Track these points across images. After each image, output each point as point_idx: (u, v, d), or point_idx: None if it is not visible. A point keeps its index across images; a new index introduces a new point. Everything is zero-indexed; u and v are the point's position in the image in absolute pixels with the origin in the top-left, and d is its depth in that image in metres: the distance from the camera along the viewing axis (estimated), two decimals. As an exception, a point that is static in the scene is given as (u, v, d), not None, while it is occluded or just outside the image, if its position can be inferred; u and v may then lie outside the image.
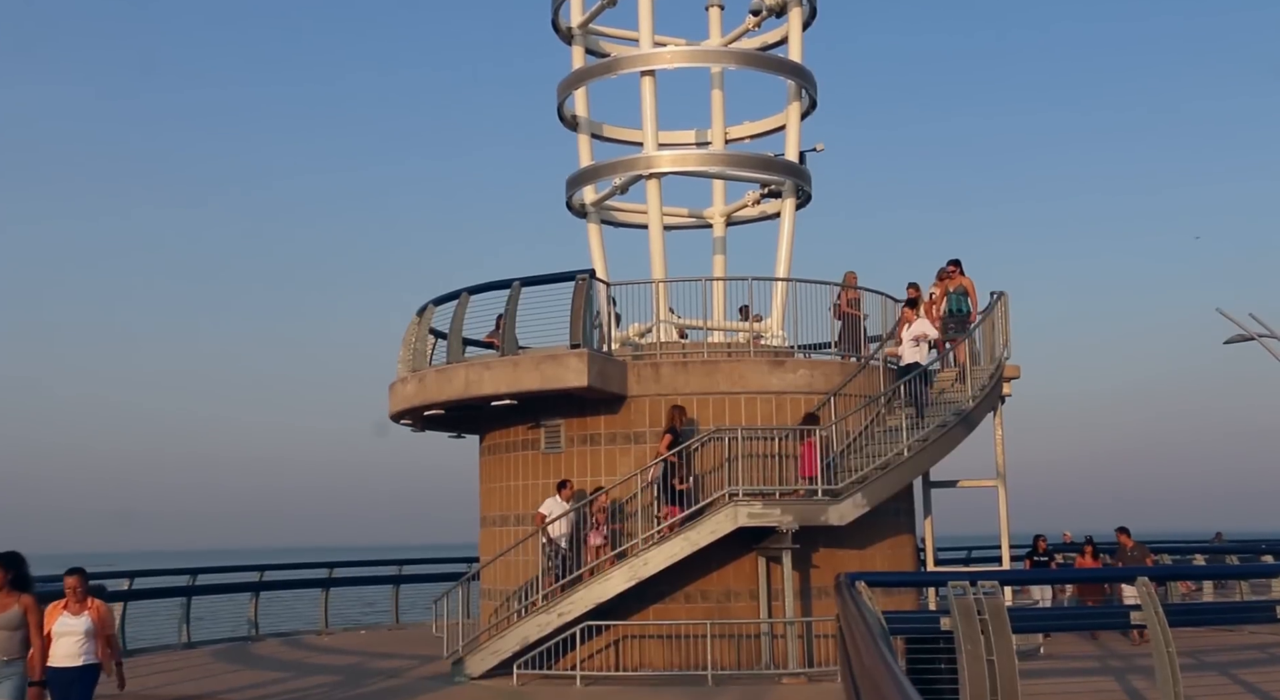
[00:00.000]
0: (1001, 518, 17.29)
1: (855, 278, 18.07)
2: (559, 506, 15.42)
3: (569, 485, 15.60)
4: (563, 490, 15.52)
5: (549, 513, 15.35)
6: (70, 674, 8.90)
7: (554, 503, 15.48)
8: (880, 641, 5.44)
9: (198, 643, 20.43)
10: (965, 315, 17.69)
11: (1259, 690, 11.33)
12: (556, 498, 15.51)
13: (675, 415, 15.36)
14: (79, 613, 9.07)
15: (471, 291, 16.83)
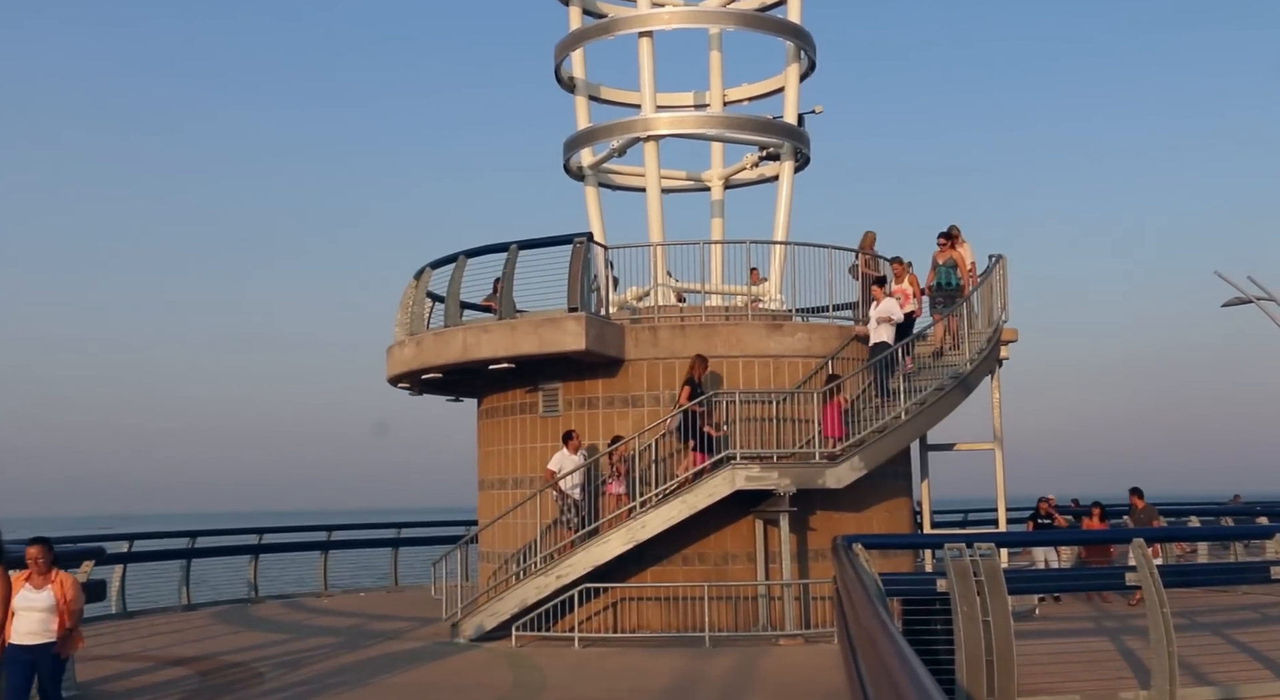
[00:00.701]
0: (998, 481, 17.35)
1: (875, 238, 18.01)
2: (568, 460, 15.40)
3: (575, 437, 15.56)
4: (569, 442, 15.48)
5: (559, 468, 15.35)
6: (31, 652, 8.29)
7: (562, 456, 15.44)
8: (877, 603, 5.46)
9: (198, 605, 20.55)
10: (955, 289, 17.36)
11: (1252, 650, 11.43)
12: (564, 451, 15.47)
13: (697, 365, 15.32)
14: (42, 587, 8.36)
15: (469, 255, 16.78)
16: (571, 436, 15.49)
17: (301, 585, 25.15)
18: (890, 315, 15.98)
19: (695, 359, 15.40)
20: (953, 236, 17.83)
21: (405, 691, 11.22)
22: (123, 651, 14.61)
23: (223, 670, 12.86)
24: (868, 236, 18.15)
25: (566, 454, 15.41)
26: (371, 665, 13.15)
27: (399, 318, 18.03)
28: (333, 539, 23.82)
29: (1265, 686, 9.46)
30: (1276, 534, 9.80)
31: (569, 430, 15.64)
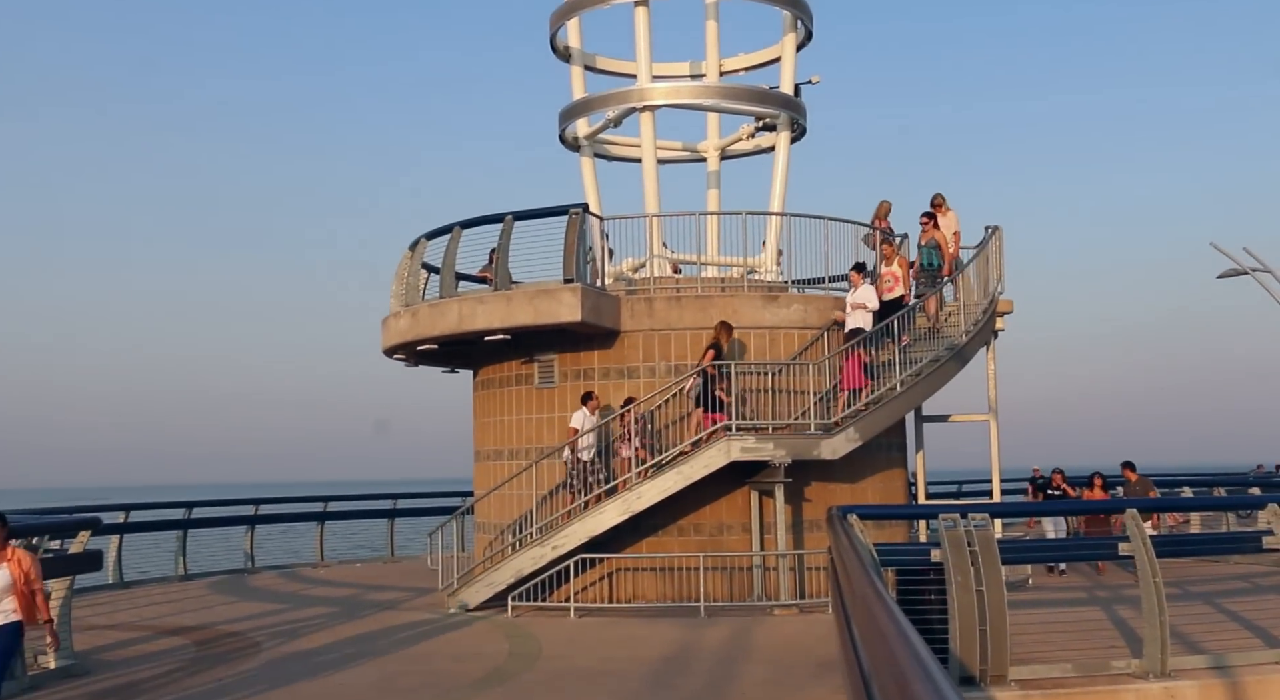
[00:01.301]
0: (993, 452, 17.39)
1: (890, 207, 17.96)
2: (588, 420, 15.37)
3: (594, 397, 15.54)
4: (588, 403, 15.45)
5: (580, 426, 15.32)
6: None
7: (582, 416, 15.38)
8: (871, 572, 5.49)
9: (194, 575, 20.62)
10: (936, 270, 17.22)
11: (1243, 619, 11.50)
12: (584, 410, 15.43)
13: (721, 331, 15.33)
14: None
15: (464, 225, 16.71)
16: (591, 397, 15.45)
17: (298, 556, 25.25)
18: (865, 303, 15.76)
19: (720, 325, 15.40)
20: (935, 209, 17.68)
21: (401, 661, 11.28)
22: (119, 621, 14.67)
23: (220, 640, 12.91)
24: (882, 205, 18.08)
25: (586, 414, 15.36)
26: (368, 635, 13.21)
27: (394, 289, 18.00)
28: (329, 510, 23.88)
29: (1256, 655, 9.52)
30: (1268, 504, 9.84)
31: (588, 391, 15.61)
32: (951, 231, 17.59)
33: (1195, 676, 9.00)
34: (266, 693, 9.63)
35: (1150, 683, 8.81)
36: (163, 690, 9.84)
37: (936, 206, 17.73)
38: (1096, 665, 9.18)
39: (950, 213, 17.78)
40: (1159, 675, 8.85)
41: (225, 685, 10.02)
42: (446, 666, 10.93)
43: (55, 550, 11.10)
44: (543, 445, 16.27)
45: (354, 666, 10.92)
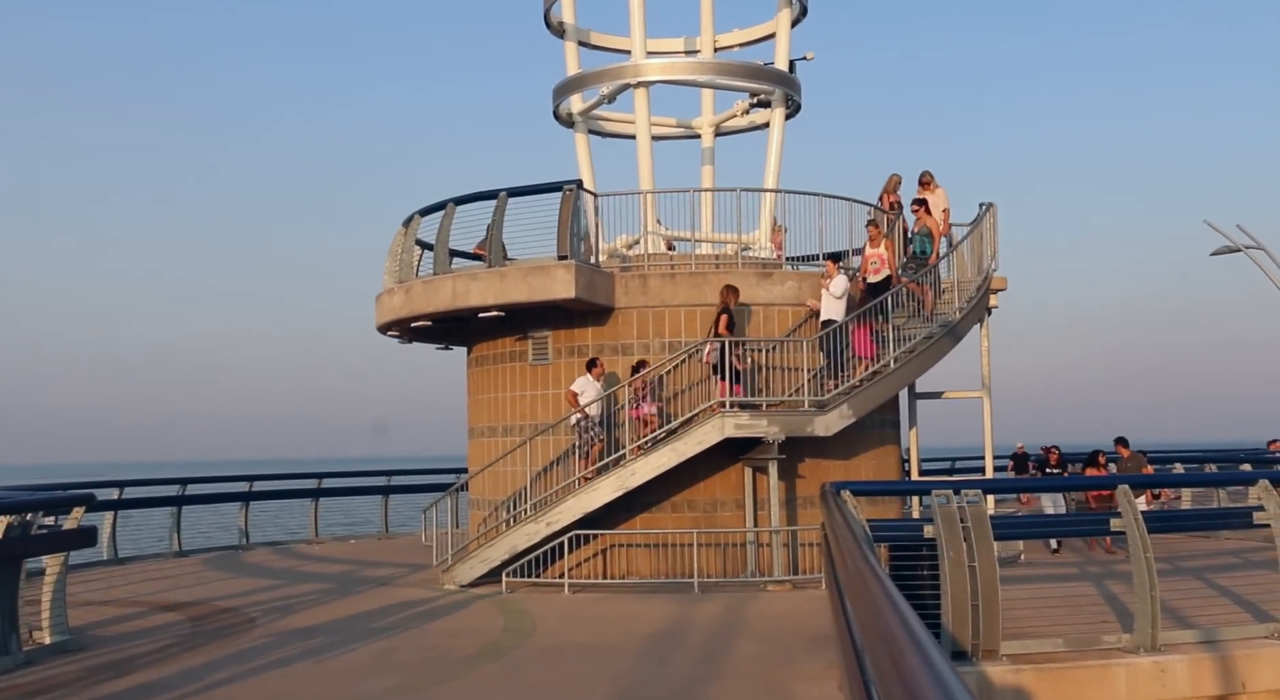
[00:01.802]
0: (986, 428, 17.45)
1: (900, 181, 17.92)
2: (592, 386, 15.34)
3: (600, 364, 15.50)
4: (593, 369, 15.41)
5: (581, 391, 15.31)
6: None
7: (585, 382, 15.35)
8: (865, 548, 5.51)
9: (189, 552, 20.65)
10: (927, 258, 17.09)
11: (1233, 594, 11.58)
12: (588, 377, 15.38)
13: (727, 294, 15.32)
14: None
15: (458, 202, 16.67)
16: (596, 363, 15.44)
17: (292, 534, 25.30)
18: (840, 293, 15.60)
19: (726, 288, 15.39)
20: (924, 187, 17.57)
21: (396, 636, 11.32)
22: (115, 597, 14.70)
23: (215, 615, 12.96)
24: (892, 179, 18.04)
25: (590, 380, 15.34)
26: (362, 611, 13.25)
27: (388, 265, 17.97)
28: (323, 487, 23.89)
29: (1245, 629, 9.60)
30: (1259, 480, 9.89)
31: (594, 358, 15.59)
32: (940, 209, 17.53)
33: (1185, 651, 9.07)
34: (262, 669, 9.67)
35: (1141, 657, 8.87)
36: (158, 666, 9.87)
37: (925, 184, 17.66)
38: (1087, 639, 9.25)
39: (939, 189, 17.71)
40: (1149, 649, 8.92)
41: (221, 661, 10.06)
42: (441, 642, 10.98)
43: (49, 526, 11.10)
44: (537, 422, 16.29)
45: (348, 642, 10.96)
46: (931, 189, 17.64)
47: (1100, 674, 8.81)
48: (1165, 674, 8.84)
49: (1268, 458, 22.71)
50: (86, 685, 9.07)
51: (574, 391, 15.32)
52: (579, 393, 15.28)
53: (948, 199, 17.77)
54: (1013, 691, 8.63)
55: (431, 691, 8.65)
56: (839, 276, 15.76)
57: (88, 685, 9.06)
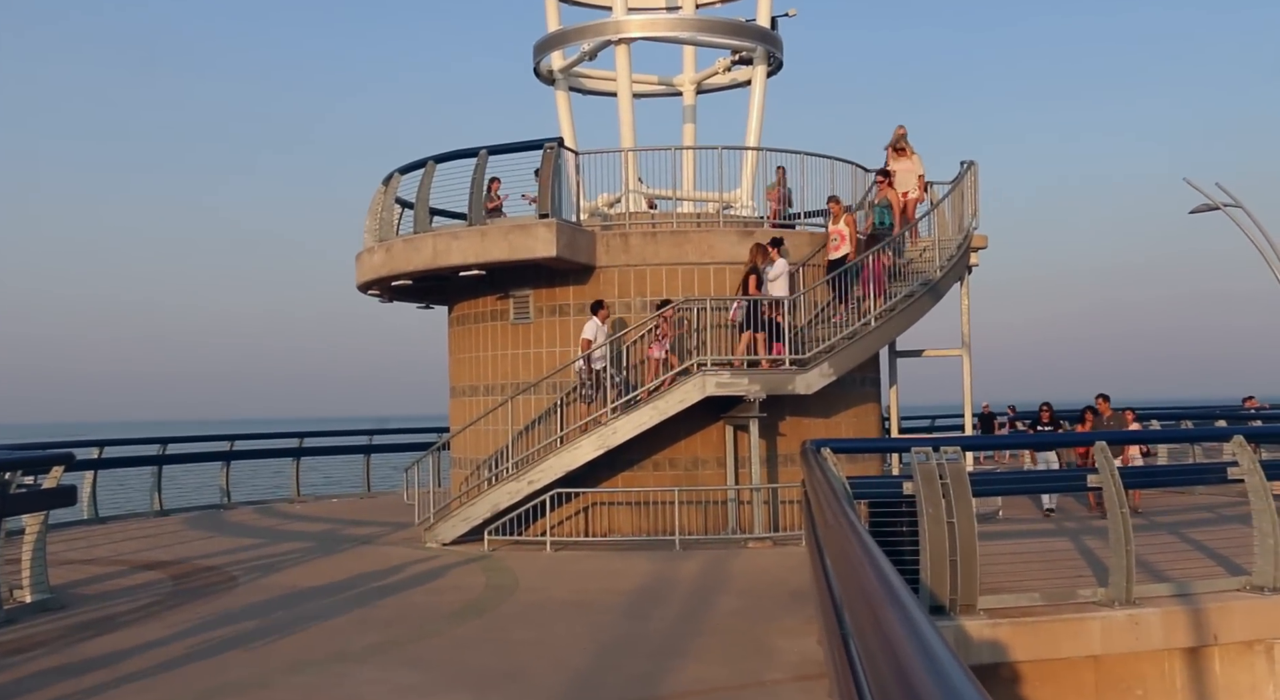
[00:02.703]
0: (965, 386, 17.54)
1: (905, 132, 17.74)
2: (600, 331, 15.27)
3: (605, 306, 15.42)
4: (599, 311, 15.32)
5: (593, 338, 15.21)
6: None
7: (594, 326, 15.24)
8: (844, 504, 5.54)
9: (170, 511, 20.63)
10: (888, 229, 16.85)
11: (1207, 548, 11.73)
12: (595, 320, 15.28)
13: (757, 254, 15.29)
14: None
15: (438, 160, 16.55)
16: (601, 305, 15.37)
17: (274, 493, 25.29)
18: (780, 275, 15.39)
19: (756, 247, 15.40)
20: (899, 152, 17.32)
21: (378, 594, 11.36)
22: (96, 556, 14.69)
23: (197, 574, 12.97)
24: (898, 131, 17.86)
25: (598, 324, 15.28)
26: (344, 568, 13.29)
27: (368, 224, 17.84)
28: (304, 446, 23.87)
29: (1218, 582, 9.73)
30: (1233, 436, 9.99)
31: (599, 300, 15.53)
32: (915, 174, 17.28)
33: (1159, 604, 9.19)
34: (243, 624, 9.69)
35: (1115, 610, 8.99)
36: (139, 624, 9.89)
37: (900, 150, 17.39)
38: (1063, 594, 9.35)
39: (915, 156, 17.48)
40: (1124, 603, 9.03)
41: (202, 618, 10.08)
42: (424, 599, 11.03)
43: (28, 485, 11.06)
44: (518, 381, 16.29)
45: (331, 599, 11.00)
46: (907, 154, 17.41)
47: (1076, 627, 8.93)
48: (1139, 627, 8.97)
49: (1243, 414, 22.93)
50: (68, 643, 9.08)
51: (587, 339, 15.22)
52: (590, 338, 15.18)
53: (923, 165, 17.52)
54: (990, 645, 8.74)
55: (413, 648, 8.70)
56: (780, 261, 15.51)
57: (69, 643, 9.08)
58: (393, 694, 7.24)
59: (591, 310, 15.40)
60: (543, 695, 7.09)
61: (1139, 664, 9.47)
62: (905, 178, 17.17)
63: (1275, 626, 9.35)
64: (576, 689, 7.28)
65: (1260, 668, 9.48)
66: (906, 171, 17.22)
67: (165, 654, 8.53)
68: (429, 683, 7.54)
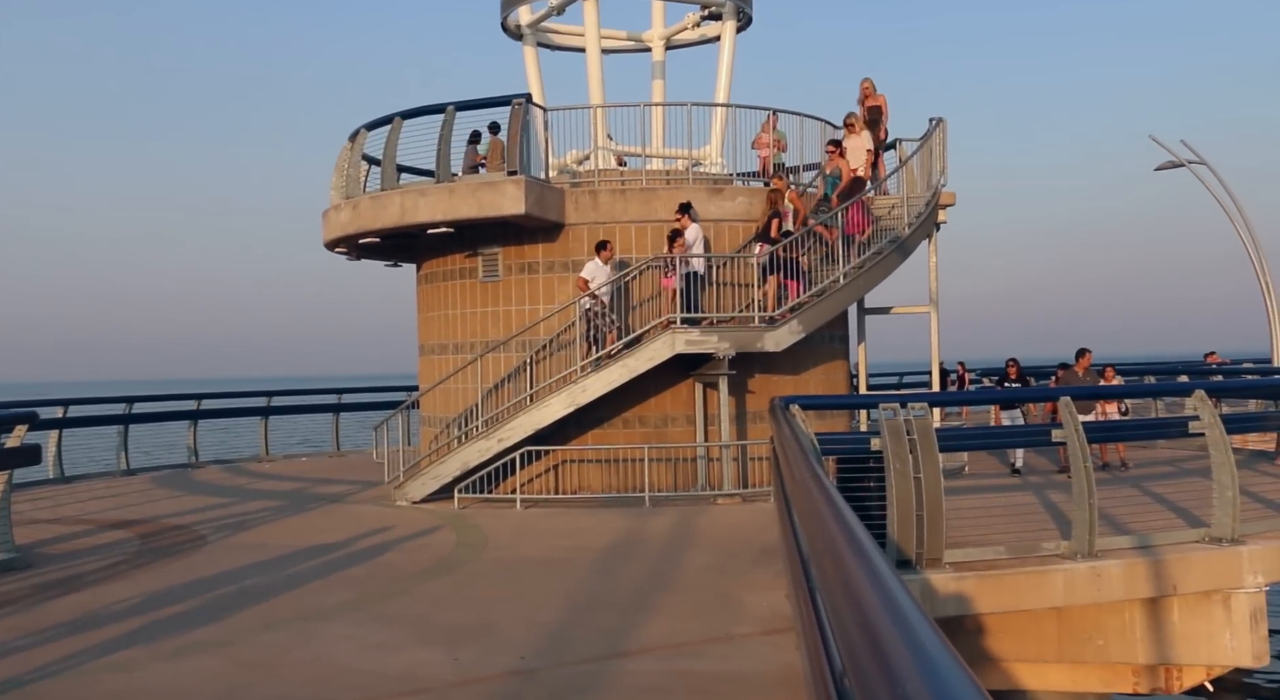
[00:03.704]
0: (933, 343, 17.64)
1: (873, 85, 17.62)
2: (601, 271, 15.16)
3: (609, 247, 15.31)
4: (602, 252, 15.21)
5: (591, 277, 15.12)
6: None
7: (595, 266, 15.14)
8: (812, 460, 5.58)
9: (137, 470, 20.52)
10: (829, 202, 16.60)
11: (1167, 501, 11.92)
12: (596, 261, 15.19)
13: (777, 198, 15.27)
14: None
15: (405, 116, 16.36)
16: (606, 246, 15.28)
17: (242, 453, 25.18)
18: (695, 241, 15.27)
19: (774, 191, 15.46)
20: (849, 128, 17.08)
21: (348, 552, 11.37)
22: (62, 515, 14.61)
23: (164, 533, 12.92)
24: (865, 84, 17.71)
25: (599, 264, 15.19)
26: (314, 527, 13.28)
27: (334, 181, 17.66)
28: (272, 405, 23.76)
29: (1178, 534, 9.90)
30: (1195, 391, 10.12)
31: (603, 240, 15.44)
32: (864, 150, 16.97)
33: (1120, 556, 9.34)
34: (211, 583, 9.68)
35: (1078, 563, 9.13)
36: (107, 583, 9.86)
37: (849, 126, 17.22)
38: (1027, 547, 9.49)
39: (864, 132, 17.19)
40: (1086, 555, 9.18)
41: (170, 577, 10.05)
42: (394, 558, 11.04)
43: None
44: (488, 339, 16.25)
45: (301, 557, 10.99)
46: (857, 130, 17.12)
47: (1039, 579, 9.07)
48: (1101, 578, 9.12)
49: (1204, 369, 23.24)
50: (34, 602, 9.04)
51: (584, 278, 15.15)
52: (589, 278, 15.12)
53: (871, 140, 17.35)
54: (955, 598, 8.87)
55: (383, 605, 8.72)
56: (693, 227, 15.38)
57: (35, 602, 9.03)
58: (362, 650, 7.26)
59: (596, 249, 15.28)
60: (512, 650, 7.13)
61: (1100, 615, 9.65)
62: (854, 155, 16.87)
63: (1232, 577, 9.54)
64: (546, 644, 7.33)
65: (1217, 617, 9.69)
66: (855, 149, 16.92)
67: (133, 612, 8.51)
68: (399, 639, 7.57)
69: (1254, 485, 12.50)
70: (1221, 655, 9.80)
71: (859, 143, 17.04)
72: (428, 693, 6.27)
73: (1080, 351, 16.45)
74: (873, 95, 17.64)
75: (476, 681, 6.47)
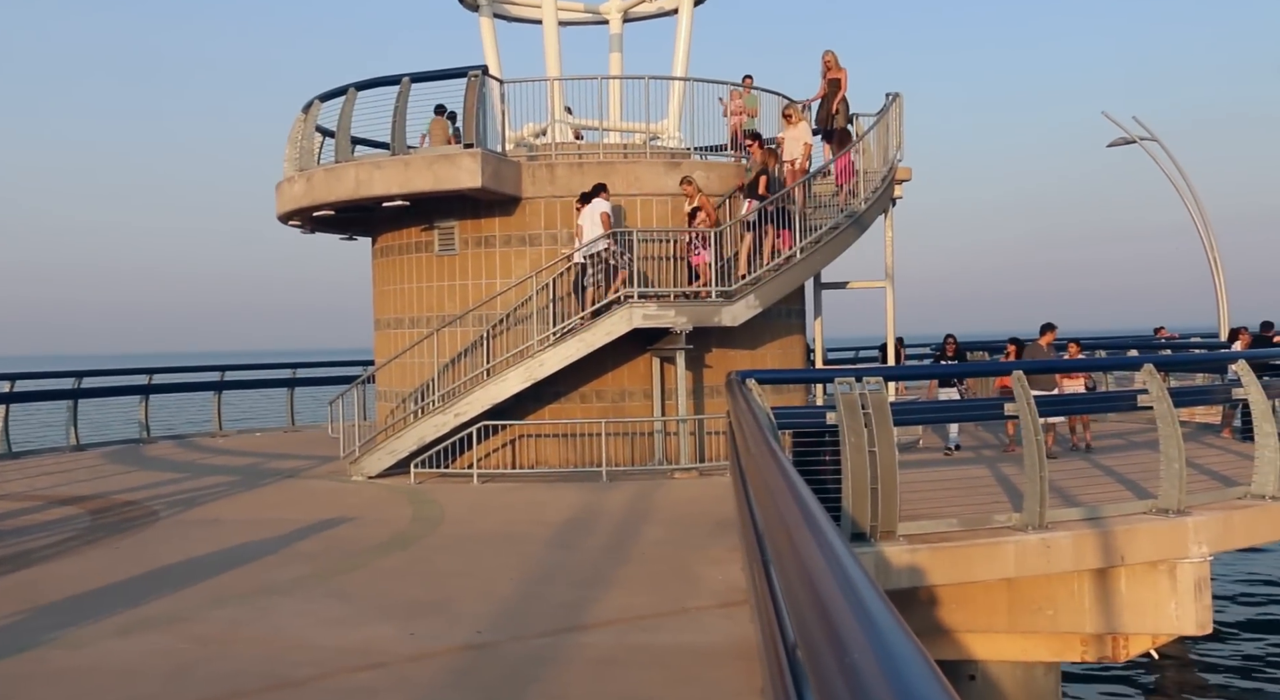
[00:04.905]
0: (889, 317, 17.74)
1: (835, 58, 17.55)
2: (601, 205, 14.93)
3: (607, 188, 15.18)
4: (602, 193, 15.07)
5: (584, 225, 14.99)
6: None
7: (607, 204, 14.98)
8: (768, 434, 5.60)
9: (87, 446, 20.25)
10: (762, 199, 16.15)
11: (1116, 473, 12.12)
12: (599, 199, 14.99)
13: (768, 156, 15.35)
14: None
15: (359, 87, 16.15)
16: (604, 188, 15.18)
17: (195, 428, 24.92)
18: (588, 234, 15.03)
19: (766, 151, 15.63)
20: (786, 120, 16.90)
21: (304, 527, 11.28)
22: (9, 491, 14.39)
23: (116, 509, 12.77)
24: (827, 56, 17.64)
25: (600, 202, 15.04)
26: (269, 502, 13.18)
27: (288, 153, 17.43)
28: (226, 379, 23.51)
29: (1126, 506, 10.08)
30: (1144, 365, 10.27)
31: (600, 183, 15.30)
32: (801, 142, 16.75)
33: (1070, 528, 9.49)
34: (164, 559, 9.58)
35: (1029, 534, 9.27)
36: (57, 559, 9.73)
37: (788, 118, 16.93)
38: (980, 520, 9.61)
39: (802, 123, 16.98)
40: (1037, 527, 9.32)
41: (122, 552, 9.94)
42: (349, 532, 10.99)
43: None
44: (444, 313, 16.16)
45: (254, 532, 10.90)
46: (794, 122, 16.87)
47: (990, 551, 9.19)
48: (1051, 550, 9.26)
49: (1154, 344, 23.59)
50: (-17, 581, 8.90)
51: (606, 213, 14.99)
52: (608, 213, 15.00)
53: (810, 133, 17.30)
54: (909, 570, 8.97)
55: (338, 580, 8.68)
56: (588, 208, 15.17)
57: (-16, 581, 8.89)
58: (318, 626, 7.23)
59: (595, 190, 15.13)
60: (469, 625, 7.13)
61: (1050, 585, 9.81)
62: (792, 146, 16.69)
63: (1178, 547, 9.73)
64: (503, 618, 7.33)
65: (1163, 586, 9.88)
66: (794, 140, 16.71)
67: (84, 588, 8.41)
68: (355, 614, 7.54)
69: (1200, 457, 12.74)
70: (1167, 624, 10.01)
71: (797, 134, 16.82)
72: (383, 667, 6.25)
73: (1045, 327, 16.38)
74: (835, 68, 17.60)
75: (433, 656, 6.46)
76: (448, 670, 6.20)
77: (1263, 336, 17.94)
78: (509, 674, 6.08)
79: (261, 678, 6.06)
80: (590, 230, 14.97)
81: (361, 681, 6.01)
